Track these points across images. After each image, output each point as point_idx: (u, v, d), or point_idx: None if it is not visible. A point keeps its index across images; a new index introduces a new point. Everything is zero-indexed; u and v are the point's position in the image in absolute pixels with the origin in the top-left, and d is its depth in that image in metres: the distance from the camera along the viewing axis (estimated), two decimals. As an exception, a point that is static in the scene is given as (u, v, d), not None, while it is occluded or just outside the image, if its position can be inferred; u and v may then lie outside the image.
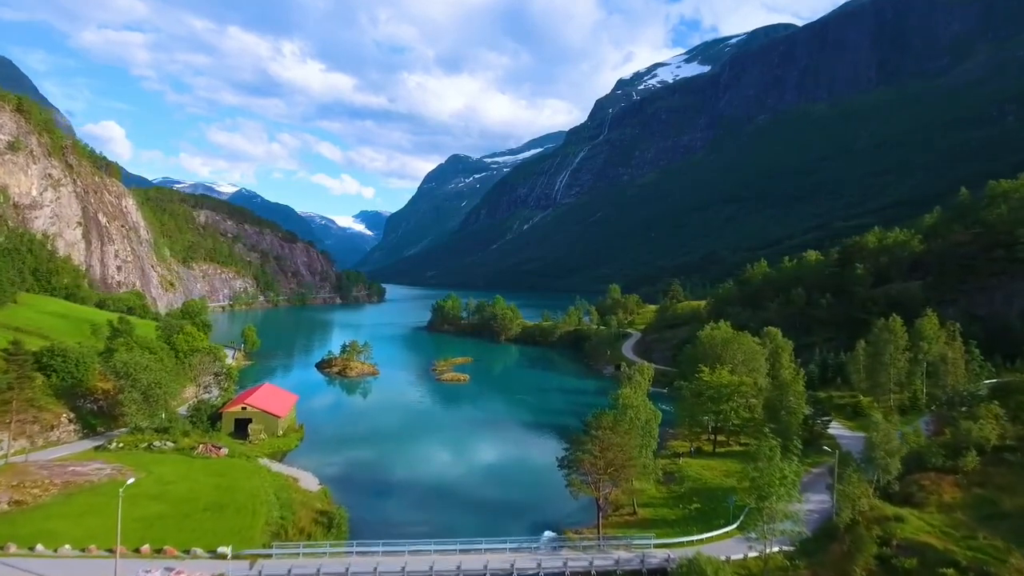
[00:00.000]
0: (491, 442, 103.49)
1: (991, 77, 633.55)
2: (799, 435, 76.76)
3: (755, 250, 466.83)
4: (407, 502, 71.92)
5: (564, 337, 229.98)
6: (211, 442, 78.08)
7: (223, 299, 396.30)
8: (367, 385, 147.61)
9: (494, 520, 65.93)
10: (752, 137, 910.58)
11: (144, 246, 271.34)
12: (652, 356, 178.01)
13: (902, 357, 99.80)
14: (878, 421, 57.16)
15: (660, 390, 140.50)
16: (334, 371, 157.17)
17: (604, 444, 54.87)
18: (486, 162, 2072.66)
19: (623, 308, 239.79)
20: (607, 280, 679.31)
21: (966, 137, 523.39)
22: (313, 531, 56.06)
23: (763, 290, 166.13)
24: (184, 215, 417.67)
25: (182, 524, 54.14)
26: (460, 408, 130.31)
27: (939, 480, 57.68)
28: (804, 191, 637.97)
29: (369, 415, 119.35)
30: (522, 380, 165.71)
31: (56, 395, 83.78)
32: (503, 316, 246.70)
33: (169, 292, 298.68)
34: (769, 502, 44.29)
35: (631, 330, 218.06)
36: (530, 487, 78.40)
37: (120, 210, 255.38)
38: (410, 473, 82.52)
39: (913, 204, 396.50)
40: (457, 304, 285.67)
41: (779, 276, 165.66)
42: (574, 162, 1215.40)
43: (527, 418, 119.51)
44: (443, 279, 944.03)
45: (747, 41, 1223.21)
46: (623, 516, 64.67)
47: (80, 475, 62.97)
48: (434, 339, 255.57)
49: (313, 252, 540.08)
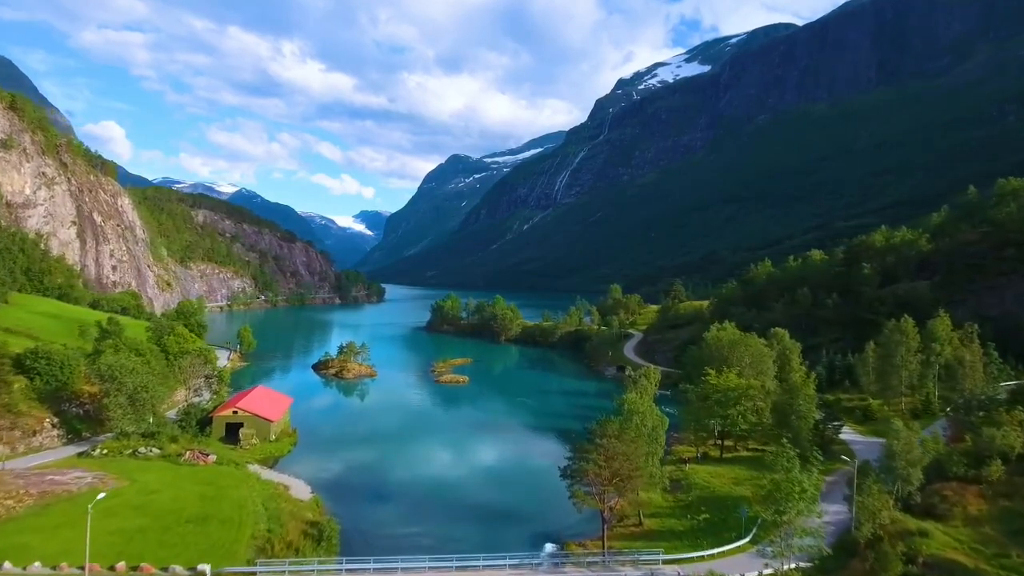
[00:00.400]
0: (490, 446, 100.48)
1: (991, 77, 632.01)
2: (810, 440, 73.95)
3: (755, 250, 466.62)
4: (403, 510, 68.91)
5: (565, 338, 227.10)
6: (199, 448, 75.04)
7: (221, 299, 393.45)
8: (364, 387, 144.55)
9: (493, 530, 62.99)
10: (752, 137, 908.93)
11: (140, 246, 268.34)
12: (654, 357, 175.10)
13: (914, 359, 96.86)
14: (899, 428, 54.13)
15: (663, 392, 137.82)
16: (331, 373, 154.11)
17: (609, 453, 51.87)
18: (486, 162, 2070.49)
19: (624, 308, 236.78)
20: (607, 280, 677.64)
21: (966, 137, 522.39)
22: (302, 544, 53.01)
23: (767, 290, 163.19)
24: (182, 215, 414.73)
25: (163, 538, 51.15)
26: (459, 410, 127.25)
27: (962, 491, 54.68)
28: (804, 191, 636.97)
29: (365, 418, 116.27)
30: (522, 381, 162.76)
31: (40, 399, 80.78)
32: (503, 316, 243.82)
33: (166, 292, 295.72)
34: (788, 516, 41.26)
35: (632, 331, 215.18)
36: (530, 494, 75.39)
37: (116, 209, 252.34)
38: (406, 479, 79.52)
39: (914, 204, 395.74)
40: (456, 304, 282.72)
41: (783, 276, 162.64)
42: (574, 162, 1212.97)
43: (527, 421, 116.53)
44: (443, 279, 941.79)
45: (747, 41, 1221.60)
46: (628, 527, 61.66)
47: (58, 484, 59.99)
48: (433, 340, 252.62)
49: (312, 252, 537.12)
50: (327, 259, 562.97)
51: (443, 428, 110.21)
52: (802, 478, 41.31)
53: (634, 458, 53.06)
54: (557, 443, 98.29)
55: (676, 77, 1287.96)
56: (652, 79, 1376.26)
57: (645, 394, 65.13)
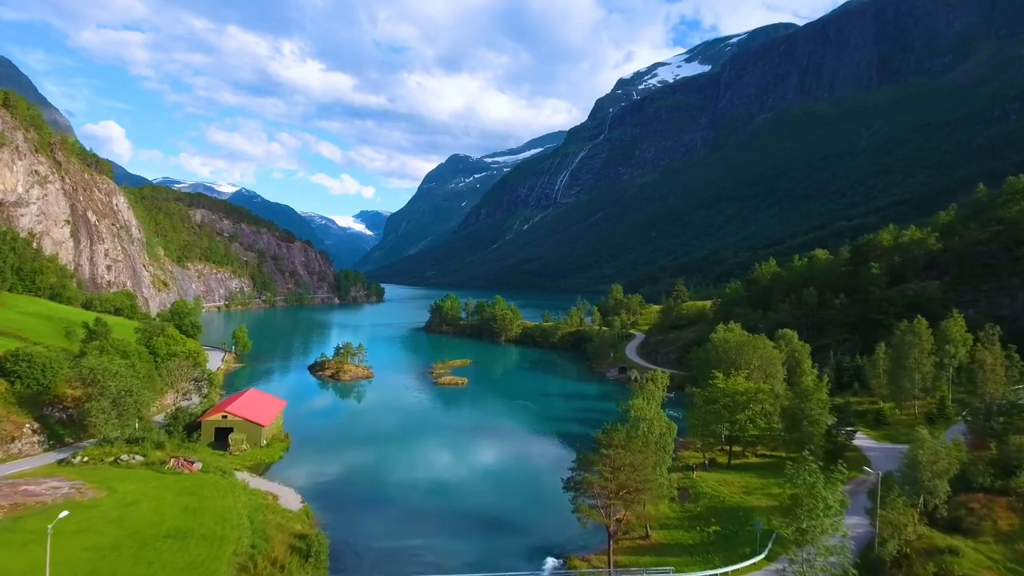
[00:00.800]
0: (490, 451, 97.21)
1: (994, 76, 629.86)
2: (821, 446, 70.73)
3: (757, 250, 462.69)
4: (397, 520, 65.63)
5: (565, 338, 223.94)
6: (183, 456, 71.77)
7: (219, 299, 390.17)
8: (360, 389, 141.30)
9: (492, 542, 59.76)
10: (753, 136, 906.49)
11: (136, 245, 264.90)
12: (657, 358, 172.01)
13: (927, 361, 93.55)
14: (924, 438, 50.81)
15: (667, 394, 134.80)
16: (327, 375, 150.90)
17: (616, 464, 48.64)
18: (486, 162, 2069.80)
19: (626, 309, 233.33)
20: (608, 280, 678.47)
21: (969, 136, 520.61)
22: (288, 561, 49.72)
23: (772, 290, 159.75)
24: (180, 214, 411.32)
25: (139, 554, 47.87)
26: (457, 413, 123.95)
27: (990, 503, 51.41)
28: (806, 190, 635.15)
29: (361, 422, 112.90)
30: (522, 383, 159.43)
31: (20, 403, 77.54)
32: (503, 317, 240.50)
33: (162, 292, 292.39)
34: (810, 535, 38.01)
35: (634, 331, 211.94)
36: (532, 502, 72.14)
37: (111, 208, 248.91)
38: (402, 487, 76.22)
39: (917, 203, 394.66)
40: (456, 304, 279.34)
41: (789, 276, 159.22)
42: (574, 162, 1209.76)
43: (528, 425, 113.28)
44: (443, 279, 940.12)
45: (748, 40, 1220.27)
46: (634, 540, 58.43)
47: (32, 495, 56.74)
48: (432, 340, 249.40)
49: (311, 252, 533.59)
50: (326, 259, 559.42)
51: (441, 431, 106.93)
52: (826, 494, 38.05)
53: (642, 469, 49.82)
54: (560, 448, 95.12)
55: (676, 77, 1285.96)
56: (652, 79, 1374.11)
57: (652, 400, 61.80)
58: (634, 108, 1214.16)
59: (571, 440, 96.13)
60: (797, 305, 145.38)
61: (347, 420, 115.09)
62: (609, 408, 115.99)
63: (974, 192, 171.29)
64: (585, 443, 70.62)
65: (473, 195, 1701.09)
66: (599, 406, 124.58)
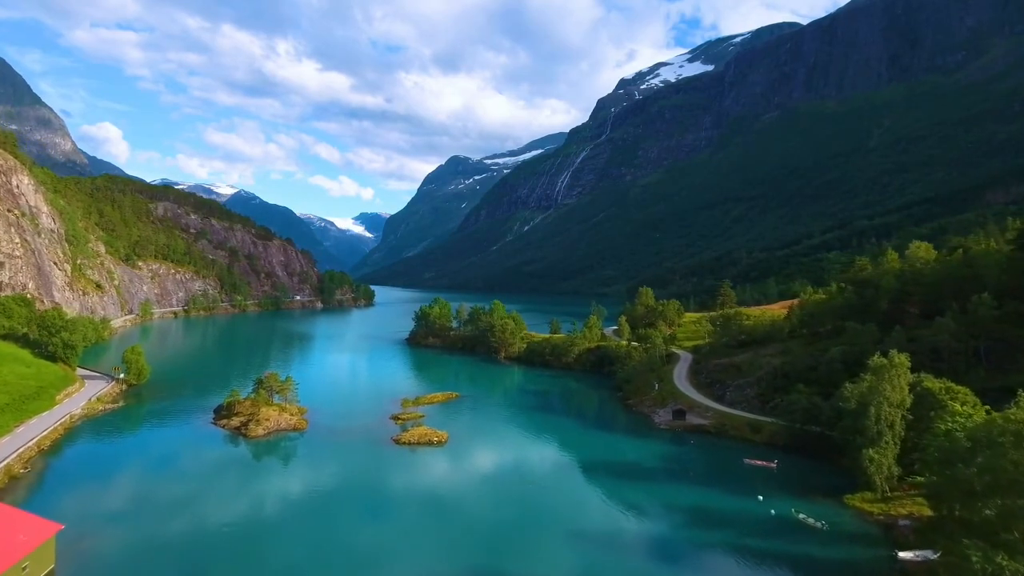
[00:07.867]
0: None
1: (1010, 72, 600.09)
2: None
3: (773, 250, 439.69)
4: None
5: (583, 357, 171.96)
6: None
7: (176, 303, 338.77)
8: (269, 459, 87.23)
9: None
10: (760, 135, 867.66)
11: (45, 238, 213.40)
12: (723, 392, 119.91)
13: None
14: None
15: (753, 461, 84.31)
16: (233, 424, 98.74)
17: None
18: (486, 163, 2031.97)
19: (662, 318, 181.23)
20: (611, 282, 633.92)
21: (989, 133, 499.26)
22: None
23: (902, 295, 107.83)
24: (133, 206, 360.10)
25: None
26: (415, 527, 67.74)
27: None
28: (816, 189, 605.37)
29: (229, 551, 60.40)
30: (530, 437, 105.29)
31: None
32: (503, 328, 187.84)
33: (90, 295, 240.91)
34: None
35: (674, 348, 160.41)
36: None
37: (8, 191, 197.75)
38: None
39: (940, 201, 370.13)
40: (446, 311, 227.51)
41: (933, 273, 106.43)
42: (575, 162, 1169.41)
43: (547, 556, 60.90)
44: (442, 281, 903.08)
45: (751, 39, 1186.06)
46: None
47: None
48: (414, 357, 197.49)
49: (291, 251, 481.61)
50: (309, 259, 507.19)
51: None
52: None
53: None
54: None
55: (679, 76, 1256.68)
56: (654, 78, 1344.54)
57: None
58: (636, 108, 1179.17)
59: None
60: (962, 317, 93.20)
61: (205, 546, 62.08)
62: (687, 496, 65.38)
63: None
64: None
65: (473, 197, 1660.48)
66: (673, 498, 73.02)
